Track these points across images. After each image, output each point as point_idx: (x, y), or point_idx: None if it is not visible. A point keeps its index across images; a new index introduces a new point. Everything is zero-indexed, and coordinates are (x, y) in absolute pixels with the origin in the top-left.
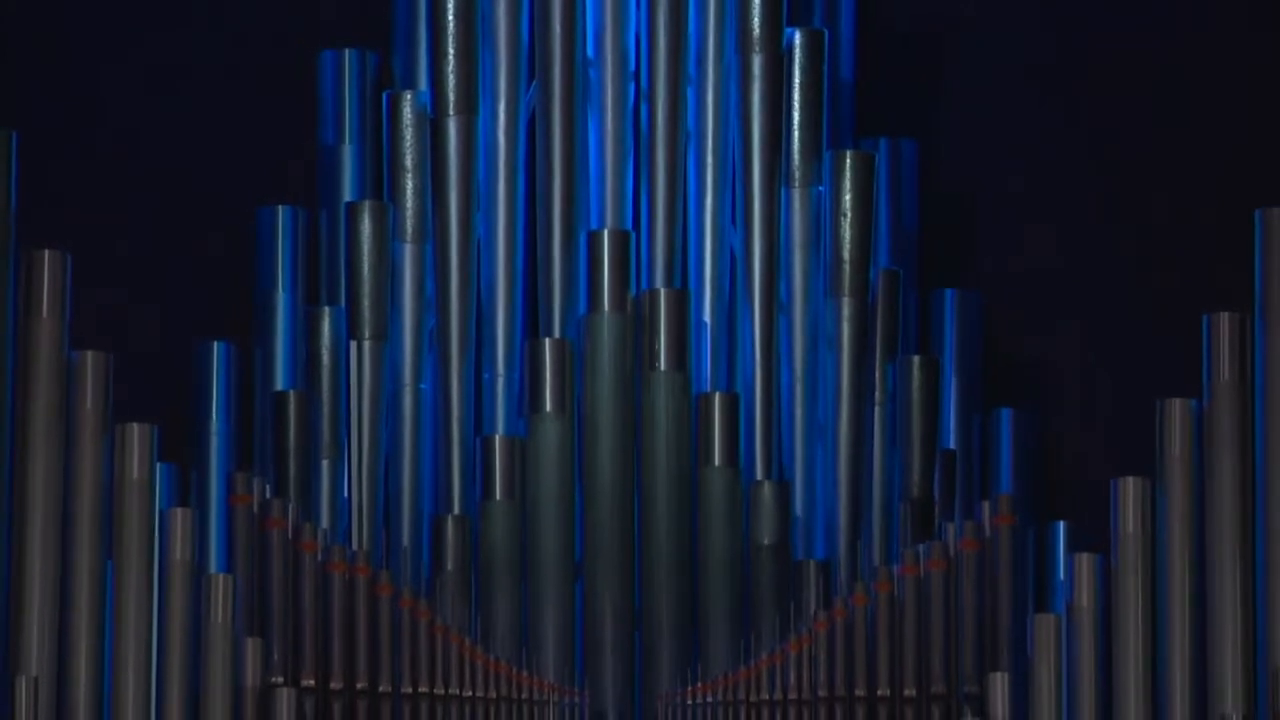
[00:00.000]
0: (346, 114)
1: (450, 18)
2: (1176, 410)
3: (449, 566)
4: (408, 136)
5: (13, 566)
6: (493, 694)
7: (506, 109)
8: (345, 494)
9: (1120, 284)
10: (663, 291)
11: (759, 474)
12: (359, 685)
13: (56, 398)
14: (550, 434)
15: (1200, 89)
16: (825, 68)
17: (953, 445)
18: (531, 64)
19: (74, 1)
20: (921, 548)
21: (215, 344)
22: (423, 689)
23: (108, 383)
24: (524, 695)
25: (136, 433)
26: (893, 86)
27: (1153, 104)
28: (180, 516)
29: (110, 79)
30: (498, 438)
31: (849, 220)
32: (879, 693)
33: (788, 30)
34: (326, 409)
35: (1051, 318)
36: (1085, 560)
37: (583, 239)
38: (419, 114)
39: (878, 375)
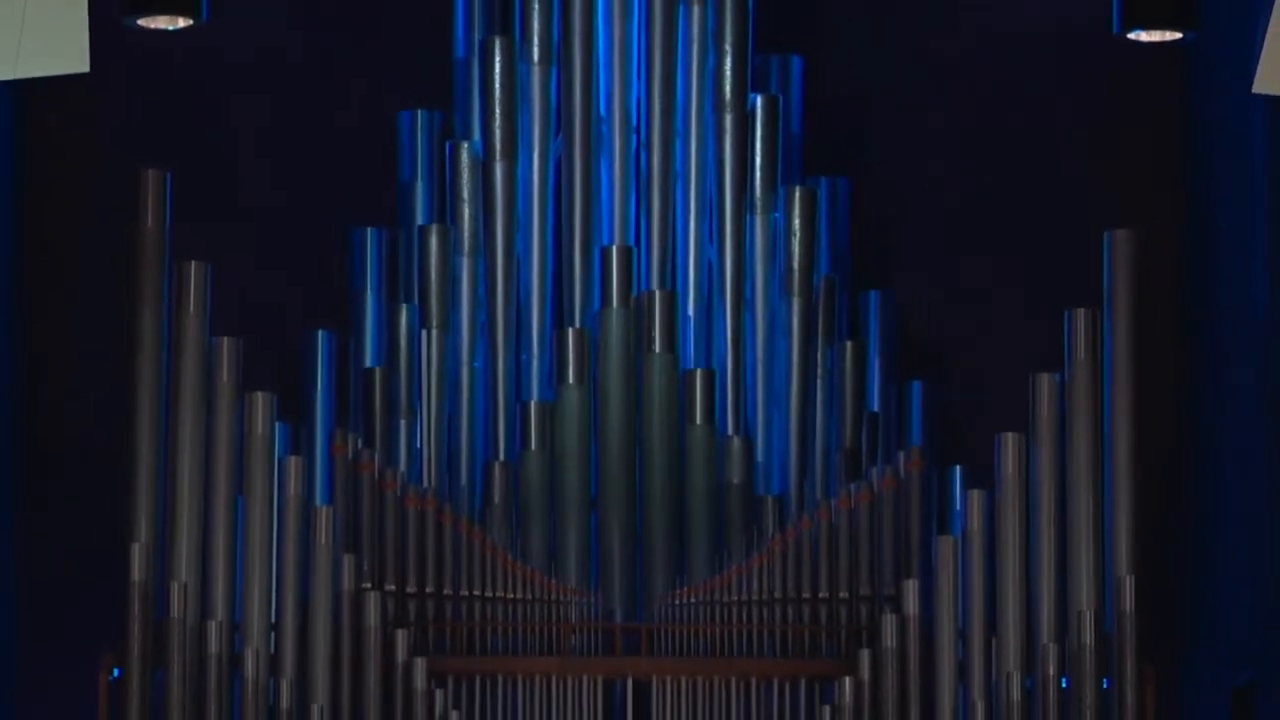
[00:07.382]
0: (419, 158)
1: (497, 86)
2: (1045, 383)
3: (496, 501)
4: (465, 175)
5: (168, 502)
6: (528, 596)
7: (539, 155)
8: (418, 445)
9: (1003, 288)
10: (657, 292)
11: (730, 430)
12: (428, 590)
13: (200, 374)
14: (573, 400)
15: (1065, 145)
16: (780, 124)
17: (876, 409)
18: (558, 121)
19: (213, 72)
20: (853, 486)
21: (320, 332)
22: (476, 592)
23: (239, 362)
24: (552, 597)
25: (260, 400)
26: (831, 138)
27: (1031, 150)
28: (294, 463)
29: (241, 130)
30: (533, 403)
31: (798, 239)
32: (820, 595)
33: (751, 95)
34: (404, 382)
35: (951, 313)
36: (976, 496)
37: (597, 253)
38: (473, 159)
39: (819, 356)
